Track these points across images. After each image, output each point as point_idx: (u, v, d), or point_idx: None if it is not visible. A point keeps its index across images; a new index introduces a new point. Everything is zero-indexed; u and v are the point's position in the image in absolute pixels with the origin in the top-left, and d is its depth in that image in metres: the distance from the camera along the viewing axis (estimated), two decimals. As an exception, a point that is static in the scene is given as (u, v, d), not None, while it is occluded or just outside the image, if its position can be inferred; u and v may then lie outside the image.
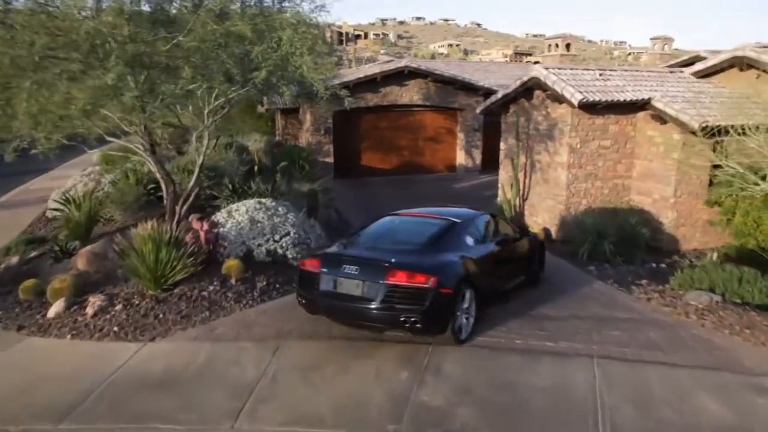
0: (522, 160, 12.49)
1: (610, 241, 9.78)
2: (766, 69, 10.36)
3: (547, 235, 11.45)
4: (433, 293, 5.86)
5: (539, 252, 8.74)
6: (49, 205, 11.98)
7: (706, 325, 6.90)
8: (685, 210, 10.81)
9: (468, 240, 7.01)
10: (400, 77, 18.66)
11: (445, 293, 5.96)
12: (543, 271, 8.83)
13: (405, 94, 19.05)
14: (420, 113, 19.94)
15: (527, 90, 11.97)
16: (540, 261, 8.78)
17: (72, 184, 12.75)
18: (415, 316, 5.85)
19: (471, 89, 19.51)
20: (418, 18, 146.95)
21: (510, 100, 12.66)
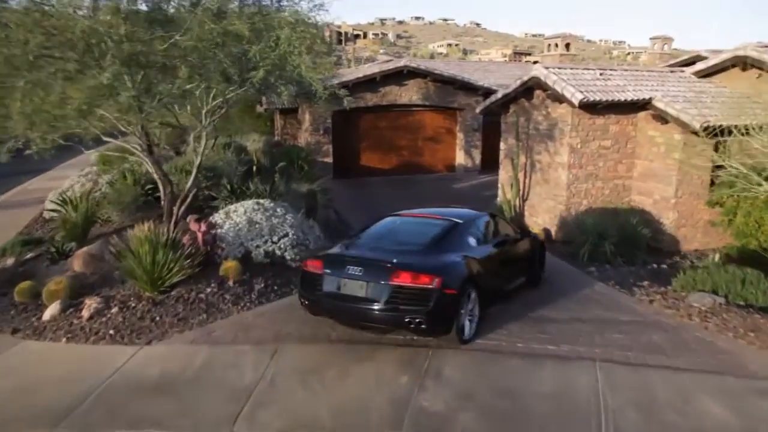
0: (522, 160, 12.43)
1: (610, 242, 9.73)
2: (767, 69, 10.31)
3: (548, 236, 11.39)
4: (438, 294, 5.84)
5: (540, 253, 8.68)
6: (46, 206, 11.88)
7: (709, 328, 6.82)
8: (686, 210, 10.75)
9: (470, 240, 6.98)
10: (399, 77, 18.60)
11: (450, 294, 5.94)
12: (543, 272, 8.77)
13: (404, 93, 18.98)
14: (419, 113, 19.87)
15: (527, 90, 11.92)
16: (540, 262, 8.72)
17: (69, 184, 12.70)
18: (420, 316, 5.82)
19: (470, 89, 19.44)
20: (417, 18, 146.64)
21: (510, 99, 12.61)
